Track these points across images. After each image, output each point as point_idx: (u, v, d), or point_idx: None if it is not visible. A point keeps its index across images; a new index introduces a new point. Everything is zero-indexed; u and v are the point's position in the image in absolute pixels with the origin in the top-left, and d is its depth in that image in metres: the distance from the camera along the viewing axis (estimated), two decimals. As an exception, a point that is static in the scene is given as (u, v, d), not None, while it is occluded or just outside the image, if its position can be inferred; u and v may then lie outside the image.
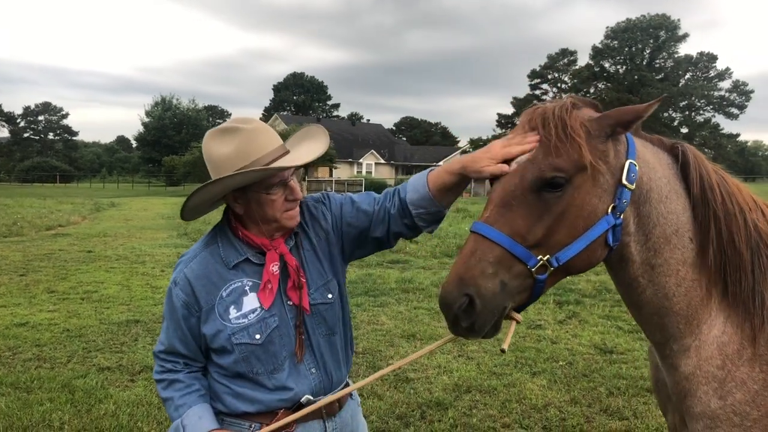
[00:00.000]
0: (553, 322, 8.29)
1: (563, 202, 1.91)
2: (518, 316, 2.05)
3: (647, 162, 2.06)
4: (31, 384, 5.94)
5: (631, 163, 1.98)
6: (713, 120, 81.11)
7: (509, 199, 1.93)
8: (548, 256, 1.91)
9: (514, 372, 6.29)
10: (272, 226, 2.19)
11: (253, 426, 2.19)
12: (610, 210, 1.95)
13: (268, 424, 2.15)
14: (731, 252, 2.05)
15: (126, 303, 9.42)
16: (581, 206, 1.93)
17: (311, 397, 2.21)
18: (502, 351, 2.06)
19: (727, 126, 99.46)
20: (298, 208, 2.22)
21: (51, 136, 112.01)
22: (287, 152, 2.20)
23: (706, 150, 74.69)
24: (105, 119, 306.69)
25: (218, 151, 2.13)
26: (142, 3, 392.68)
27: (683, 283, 2.07)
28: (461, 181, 2.18)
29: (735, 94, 79.34)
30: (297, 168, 2.19)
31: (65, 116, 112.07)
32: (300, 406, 2.19)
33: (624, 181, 1.96)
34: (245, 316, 2.16)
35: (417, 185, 2.24)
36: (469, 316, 1.89)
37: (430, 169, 2.27)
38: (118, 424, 5.07)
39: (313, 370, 2.24)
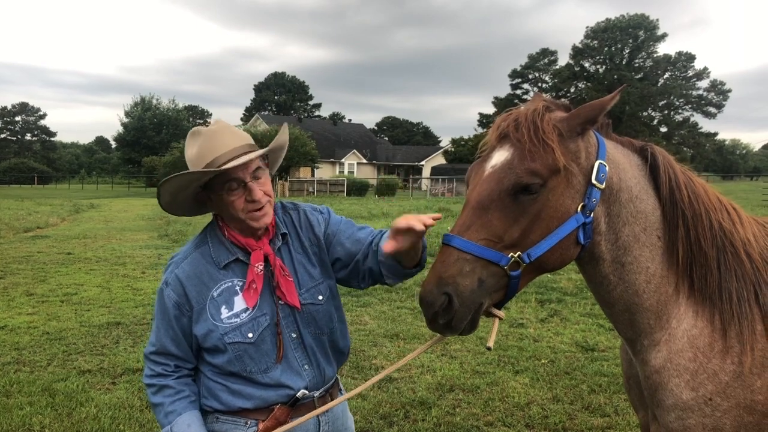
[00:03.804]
0: (535, 320, 8.35)
1: (538, 204, 1.97)
2: (500, 313, 2.09)
3: (617, 163, 2.13)
4: (11, 388, 5.87)
5: (600, 163, 2.05)
6: (692, 119, 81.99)
7: (487, 203, 1.97)
8: (519, 252, 1.96)
9: (497, 370, 6.32)
10: (242, 225, 2.21)
11: (249, 422, 2.21)
12: (579, 209, 2.01)
13: (264, 421, 2.20)
14: (697, 250, 2.13)
15: (107, 305, 9.33)
16: (555, 207, 1.99)
17: (306, 392, 2.25)
18: (488, 348, 2.11)
19: (706, 125, 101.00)
20: (265, 209, 2.19)
21: (28, 136, 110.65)
22: (250, 152, 2.18)
23: (684, 149, 75.60)
24: (83, 120, 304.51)
25: (188, 152, 2.21)
26: (128, 1, 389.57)
27: (653, 280, 2.14)
28: (407, 243, 2.04)
29: (713, 94, 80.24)
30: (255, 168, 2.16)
31: (43, 117, 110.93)
32: (296, 400, 2.24)
33: (594, 181, 2.03)
34: (237, 315, 2.19)
35: (381, 251, 2.23)
36: (447, 313, 1.93)
37: None
38: (100, 428, 5.03)
39: (306, 367, 2.29)
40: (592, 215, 2.03)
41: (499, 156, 2.03)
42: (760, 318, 2.09)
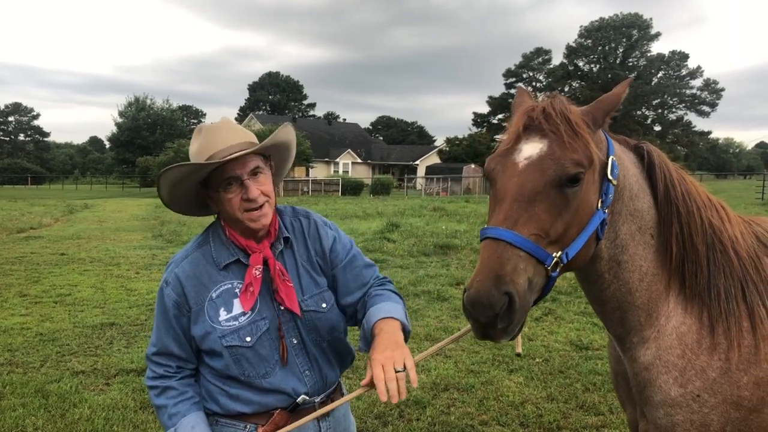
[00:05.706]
0: (530, 319, 8.34)
1: (578, 198, 1.91)
2: None
3: (622, 160, 2.13)
4: (3, 389, 5.84)
5: (613, 159, 2.03)
6: (685, 118, 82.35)
7: (532, 195, 1.87)
8: (560, 252, 1.89)
9: (491, 369, 6.32)
10: (241, 226, 2.17)
11: (248, 427, 2.18)
12: (599, 205, 1.98)
13: (263, 425, 2.16)
14: (689, 247, 2.14)
15: (100, 306, 9.30)
16: (587, 202, 1.94)
17: (307, 397, 2.22)
18: (518, 355, 2.04)
19: (699, 124, 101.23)
20: (264, 210, 2.15)
21: (22, 137, 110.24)
22: (249, 149, 2.14)
23: (678, 147, 75.85)
24: (78, 120, 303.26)
25: (191, 148, 2.21)
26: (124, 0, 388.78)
27: (645, 278, 2.15)
28: None
29: (706, 92, 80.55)
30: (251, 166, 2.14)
31: (36, 117, 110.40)
32: (296, 405, 2.20)
33: (609, 177, 2.00)
34: (236, 318, 2.15)
35: (369, 322, 2.15)
36: (508, 316, 1.78)
37: (388, 316, 2.14)
38: (93, 429, 5.01)
39: (308, 372, 2.24)
40: (607, 211, 2.01)
41: (533, 147, 1.94)
42: (746, 315, 2.11)
